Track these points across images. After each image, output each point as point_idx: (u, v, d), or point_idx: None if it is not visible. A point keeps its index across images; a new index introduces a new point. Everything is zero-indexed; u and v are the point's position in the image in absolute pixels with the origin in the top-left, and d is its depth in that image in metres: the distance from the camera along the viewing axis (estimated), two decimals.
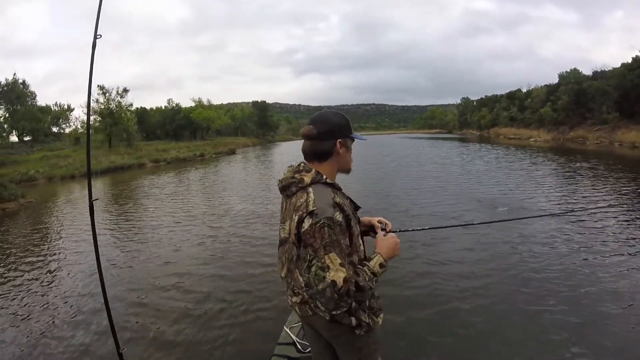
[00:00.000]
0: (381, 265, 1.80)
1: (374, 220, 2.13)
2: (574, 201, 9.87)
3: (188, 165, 29.13)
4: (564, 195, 10.81)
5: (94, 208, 2.68)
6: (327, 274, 1.60)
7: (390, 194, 12.26)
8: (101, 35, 2.52)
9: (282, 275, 1.96)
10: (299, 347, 3.00)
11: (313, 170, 1.81)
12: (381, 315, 1.91)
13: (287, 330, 3.22)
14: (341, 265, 1.62)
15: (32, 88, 41.48)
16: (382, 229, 2.07)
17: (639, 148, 27.89)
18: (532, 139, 45.94)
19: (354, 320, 1.77)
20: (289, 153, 36.95)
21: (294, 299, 1.89)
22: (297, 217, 1.71)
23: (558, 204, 9.62)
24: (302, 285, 1.81)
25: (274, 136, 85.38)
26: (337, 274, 1.60)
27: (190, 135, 60.76)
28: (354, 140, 1.95)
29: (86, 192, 2.66)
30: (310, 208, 1.67)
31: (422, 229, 3.02)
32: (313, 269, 1.63)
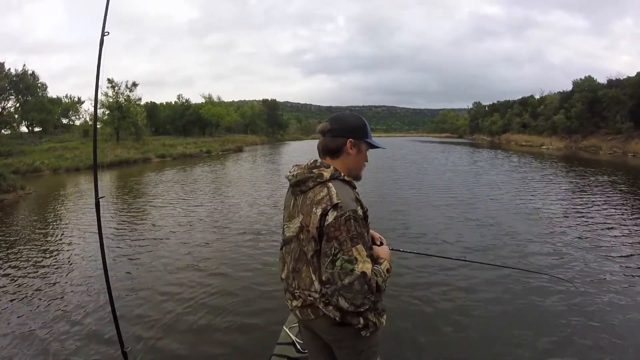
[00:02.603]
0: (388, 270, 1.81)
1: (376, 234, 2.10)
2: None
3: (193, 162, 29.09)
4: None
5: (100, 205, 2.69)
6: (356, 266, 1.58)
7: (399, 209, 10.54)
8: (109, 33, 2.56)
9: (283, 276, 1.94)
10: (299, 347, 2.99)
11: (332, 167, 1.80)
12: (384, 316, 1.87)
13: (287, 330, 3.22)
14: (367, 257, 1.63)
15: (46, 82, 41.72)
16: (381, 243, 2.08)
17: None
18: (544, 147, 45.23)
19: (362, 320, 1.74)
20: (298, 154, 36.48)
21: (295, 302, 1.86)
22: (320, 210, 1.67)
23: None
24: (310, 284, 1.77)
25: (283, 135, 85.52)
26: (366, 265, 1.60)
27: (199, 132, 60.81)
28: (369, 146, 1.93)
29: (88, 186, 2.47)
30: (335, 201, 1.65)
31: (417, 253, 2.86)
32: (338, 262, 1.60)
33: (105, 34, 2.56)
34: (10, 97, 38.97)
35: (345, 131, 1.85)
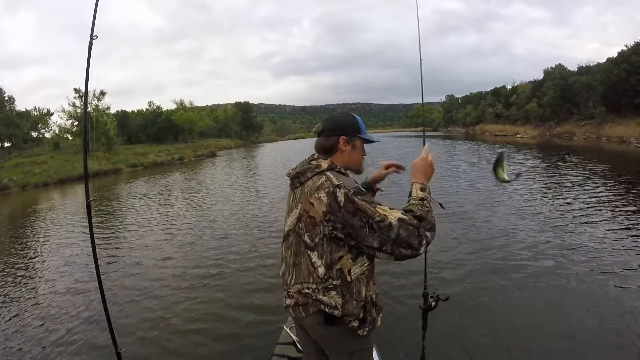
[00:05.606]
0: (422, 189, 1.81)
1: (383, 169, 2.22)
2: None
3: (164, 170, 28.37)
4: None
5: (91, 208, 2.70)
6: (390, 219, 1.62)
7: None
8: (97, 36, 2.53)
9: (280, 273, 1.95)
10: (299, 346, 2.89)
11: (329, 160, 1.84)
12: (381, 315, 1.86)
13: (287, 330, 3.22)
14: (390, 209, 1.66)
15: (17, 96, 40.43)
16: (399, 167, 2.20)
17: (627, 142, 27.53)
18: (518, 136, 45.93)
19: (361, 314, 1.74)
20: (274, 157, 35.38)
21: (288, 301, 1.87)
22: (324, 193, 1.69)
23: None
24: (309, 275, 1.76)
25: (258, 137, 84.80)
26: (395, 214, 1.64)
27: (172, 138, 59.59)
28: (363, 141, 1.95)
29: (57, 202, 2.19)
30: (336, 182, 1.69)
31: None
32: (375, 226, 1.63)
33: (94, 37, 2.54)
34: None
35: (337, 129, 1.89)
